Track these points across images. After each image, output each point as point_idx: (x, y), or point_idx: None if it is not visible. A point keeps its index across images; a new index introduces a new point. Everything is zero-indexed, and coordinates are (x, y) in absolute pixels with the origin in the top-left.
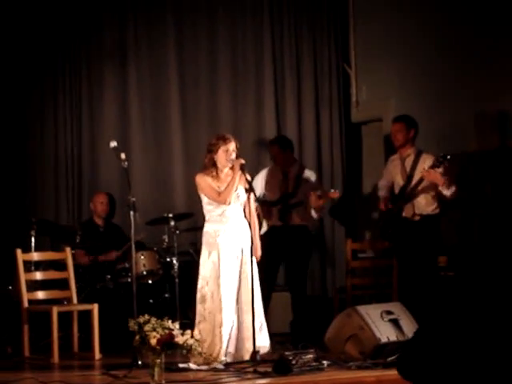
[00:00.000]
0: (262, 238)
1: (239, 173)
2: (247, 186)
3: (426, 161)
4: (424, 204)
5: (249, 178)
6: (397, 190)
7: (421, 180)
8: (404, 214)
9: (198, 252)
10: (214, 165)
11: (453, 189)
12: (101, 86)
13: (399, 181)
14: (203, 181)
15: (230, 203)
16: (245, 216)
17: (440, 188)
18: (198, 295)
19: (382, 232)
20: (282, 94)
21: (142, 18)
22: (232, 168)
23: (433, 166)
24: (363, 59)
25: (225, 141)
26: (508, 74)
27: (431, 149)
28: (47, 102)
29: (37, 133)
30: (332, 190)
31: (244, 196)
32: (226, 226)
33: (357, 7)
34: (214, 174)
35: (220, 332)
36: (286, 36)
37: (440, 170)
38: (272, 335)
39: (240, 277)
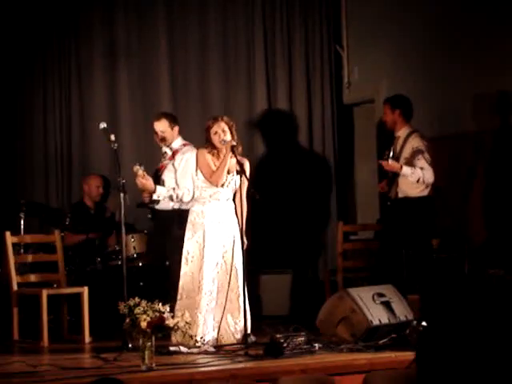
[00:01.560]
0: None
1: (230, 154)
2: (238, 168)
3: (412, 142)
4: (406, 186)
5: (246, 163)
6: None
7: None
8: (389, 195)
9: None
10: (214, 147)
11: (419, 173)
12: (90, 69)
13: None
14: (202, 156)
15: (221, 186)
16: (234, 201)
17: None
18: (181, 273)
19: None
20: (274, 76)
21: (131, 2)
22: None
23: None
24: (355, 40)
25: (214, 121)
26: (503, 54)
27: (425, 130)
28: (36, 86)
29: (26, 115)
30: None
31: (238, 181)
32: (214, 208)
33: None
34: (215, 152)
35: (195, 313)
36: (278, 17)
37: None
38: (264, 318)
39: (228, 261)
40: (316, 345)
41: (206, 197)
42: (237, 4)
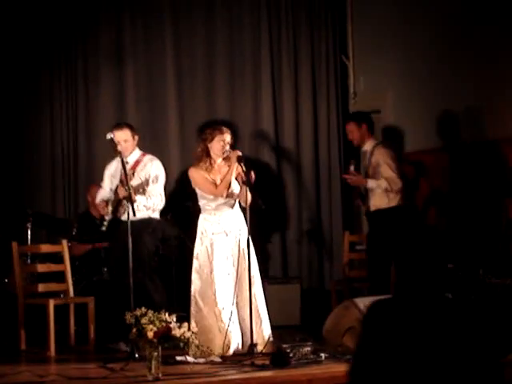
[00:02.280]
0: None
1: (236, 165)
2: (245, 179)
3: (377, 153)
4: (375, 199)
5: (252, 174)
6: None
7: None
8: (366, 208)
9: (192, 240)
10: (208, 155)
11: (384, 183)
12: (97, 78)
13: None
14: (197, 175)
15: (226, 196)
16: (240, 207)
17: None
18: (192, 287)
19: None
20: (280, 85)
21: (138, 4)
22: (225, 159)
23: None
24: (361, 50)
25: (221, 131)
26: (507, 66)
27: (430, 139)
28: (43, 96)
29: (33, 125)
30: None
31: (238, 189)
32: (221, 219)
33: None
34: (208, 165)
35: (217, 325)
36: (284, 27)
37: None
38: (270, 328)
39: (238, 271)
40: (322, 355)
41: (211, 210)
42: (243, 13)
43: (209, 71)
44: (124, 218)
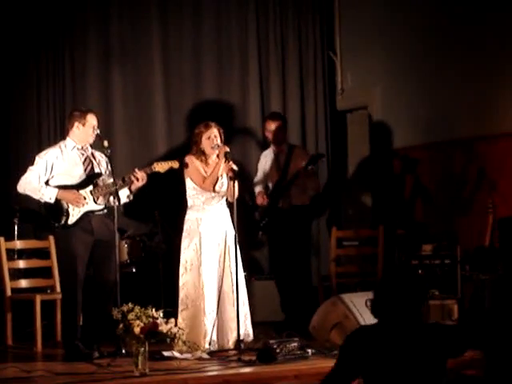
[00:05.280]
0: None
1: (223, 160)
2: (231, 175)
3: (301, 157)
4: (297, 196)
5: (234, 167)
6: (271, 184)
7: (297, 174)
8: (280, 205)
9: (179, 236)
10: (203, 153)
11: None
12: (84, 72)
13: (273, 175)
14: (192, 163)
15: (213, 191)
16: (227, 203)
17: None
18: (180, 282)
19: (257, 224)
20: (267, 82)
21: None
22: (218, 155)
23: (309, 163)
24: (349, 46)
25: (206, 127)
26: (493, 61)
27: (416, 136)
28: (29, 90)
29: (19, 120)
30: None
31: (226, 184)
32: (209, 214)
33: None
34: (203, 158)
35: (203, 320)
36: (271, 23)
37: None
38: (256, 324)
39: (223, 266)
40: (309, 350)
41: (200, 204)
42: (230, 10)
43: (196, 68)
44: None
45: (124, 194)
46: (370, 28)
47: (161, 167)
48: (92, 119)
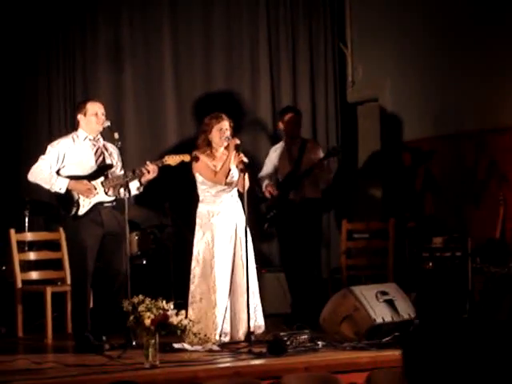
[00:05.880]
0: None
1: (234, 153)
2: (242, 167)
3: (314, 150)
4: (310, 189)
5: (245, 159)
6: (281, 177)
7: (312, 167)
8: (292, 198)
9: (189, 228)
10: (209, 144)
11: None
12: (95, 69)
13: (285, 167)
14: (200, 160)
15: (225, 184)
16: (239, 195)
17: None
18: (191, 275)
19: (264, 216)
20: (278, 74)
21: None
22: (227, 147)
23: (326, 156)
24: (359, 39)
25: (217, 119)
26: (504, 54)
27: (427, 129)
28: (41, 81)
29: (31, 112)
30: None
31: (237, 176)
32: (220, 206)
33: None
34: (209, 152)
35: (214, 313)
36: (282, 16)
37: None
38: (267, 316)
39: (234, 258)
40: (319, 343)
41: (211, 197)
42: (241, 2)
43: (206, 62)
44: (106, 199)
45: (134, 186)
46: (381, 21)
47: (172, 160)
48: (92, 107)
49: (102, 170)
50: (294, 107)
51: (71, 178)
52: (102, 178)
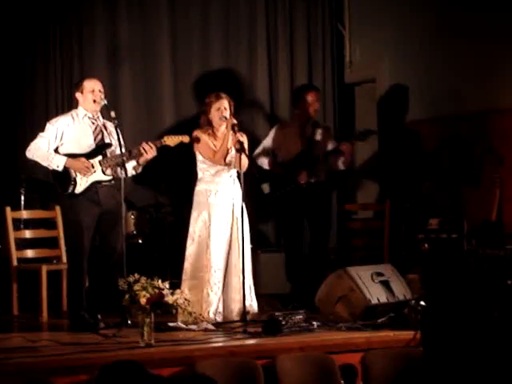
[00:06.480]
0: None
1: (231, 133)
2: (238, 147)
3: (326, 134)
4: (321, 170)
5: (241, 138)
6: (289, 156)
7: (329, 152)
8: (300, 180)
9: (185, 208)
10: (210, 124)
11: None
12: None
13: (296, 147)
14: (200, 138)
15: (224, 164)
16: (238, 176)
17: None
18: (186, 253)
19: (269, 196)
20: (275, 55)
21: None
22: (227, 127)
23: (355, 139)
24: (357, 19)
25: (216, 98)
26: (506, 35)
27: (425, 111)
28: (39, 64)
29: (27, 92)
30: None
31: (235, 157)
32: (219, 186)
33: None
34: (211, 132)
35: (208, 292)
36: None
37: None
38: (262, 296)
39: (230, 238)
40: (314, 323)
41: (210, 176)
42: None
43: (203, 39)
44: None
45: (130, 166)
46: (379, 1)
47: (171, 141)
48: (89, 84)
49: (101, 148)
50: (312, 84)
51: (69, 155)
52: (100, 157)
